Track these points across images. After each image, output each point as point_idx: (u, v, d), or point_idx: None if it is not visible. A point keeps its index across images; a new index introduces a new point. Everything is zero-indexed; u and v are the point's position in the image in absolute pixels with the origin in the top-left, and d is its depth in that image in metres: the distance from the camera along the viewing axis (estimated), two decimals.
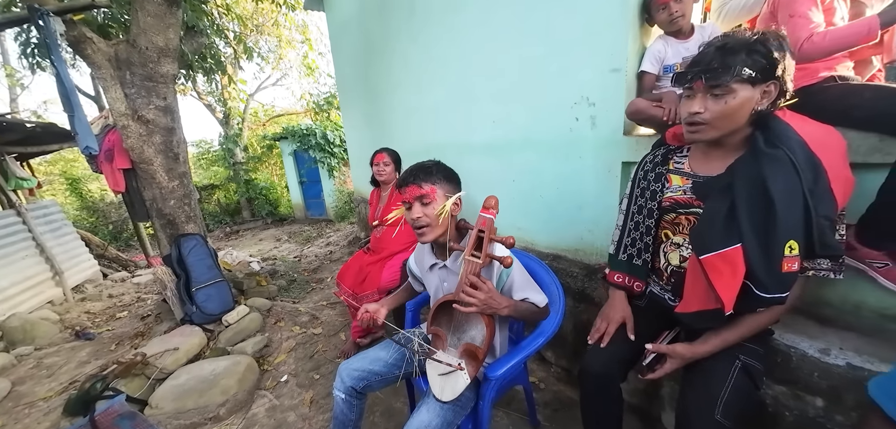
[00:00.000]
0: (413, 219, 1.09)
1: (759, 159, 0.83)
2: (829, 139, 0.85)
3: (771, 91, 0.82)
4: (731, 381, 0.88)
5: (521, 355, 1.16)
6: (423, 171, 1.10)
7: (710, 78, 0.83)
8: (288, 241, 6.54)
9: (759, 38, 0.81)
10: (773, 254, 0.80)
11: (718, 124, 0.86)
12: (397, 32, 2.81)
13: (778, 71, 0.81)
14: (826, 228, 0.80)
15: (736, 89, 0.81)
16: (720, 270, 0.85)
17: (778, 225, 0.79)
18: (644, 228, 1.11)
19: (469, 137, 2.27)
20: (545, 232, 1.97)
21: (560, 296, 1.33)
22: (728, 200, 0.86)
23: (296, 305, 3.15)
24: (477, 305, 1.00)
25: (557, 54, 1.62)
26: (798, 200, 0.79)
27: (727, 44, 0.83)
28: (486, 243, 1.03)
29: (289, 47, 9.51)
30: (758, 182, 0.82)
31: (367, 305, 1.26)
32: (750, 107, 0.83)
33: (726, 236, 0.85)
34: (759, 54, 0.80)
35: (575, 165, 1.67)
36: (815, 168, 0.80)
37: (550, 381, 1.95)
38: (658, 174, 1.07)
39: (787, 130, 0.84)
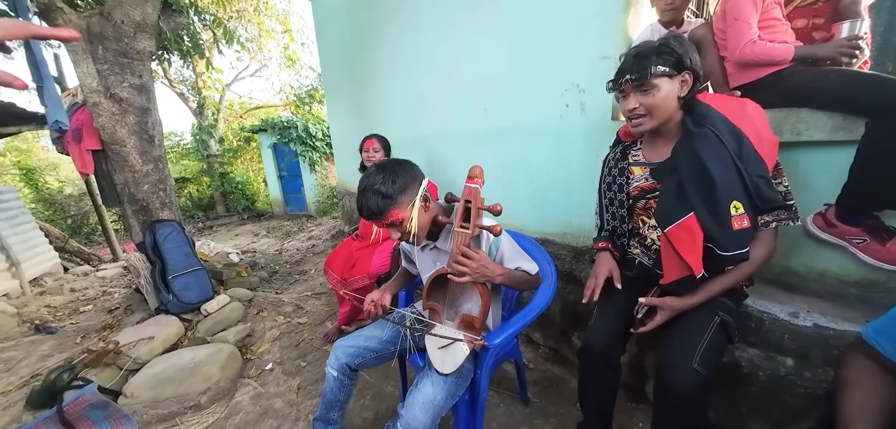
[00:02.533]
0: (396, 239, 1.10)
1: (691, 139, 0.97)
2: (745, 110, 0.98)
3: (687, 80, 0.97)
4: (709, 334, 0.96)
5: (518, 325, 1.18)
6: (375, 198, 0.99)
7: (634, 80, 0.97)
8: (266, 236, 6.34)
9: (664, 42, 0.97)
10: (721, 215, 0.92)
11: (654, 114, 0.99)
12: (386, 21, 2.79)
13: (686, 63, 0.95)
14: (761, 184, 0.92)
15: (657, 84, 0.96)
16: (681, 238, 0.96)
17: (717, 190, 0.91)
18: (619, 218, 1.22)
19: (459, 126, 2.30)
20: (534, 217, 2.02)
21: (552, 271, 1.37)
22: (675, 178, 0.98)
23: (279, 295, 3.07)
24: (470, 273, 1.03)
25: (547, 42, 1.67)
26: (730, 166, 0.91)
27: (640, 51, 0.99)
28: (473, 214, 1.05)
29: (269, 37, 9.23)
30: (694, 158, 0.94)
31: (371, 296, 1.22)
32: (674, 96, 0.98)
33: (680, 208, 0.96)
34: (666, 53, 0.95)
35: (564, 151, 1.73)
36: (737, 137, 0.94)
37: (539, 361, 2.00)
38: (621, 169, 1.19)
39: (708, 111, 0.98)
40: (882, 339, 0.67)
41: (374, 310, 1.19)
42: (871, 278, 1.10)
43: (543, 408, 1.68)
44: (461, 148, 2.26)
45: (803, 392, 1.09)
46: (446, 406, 1.05)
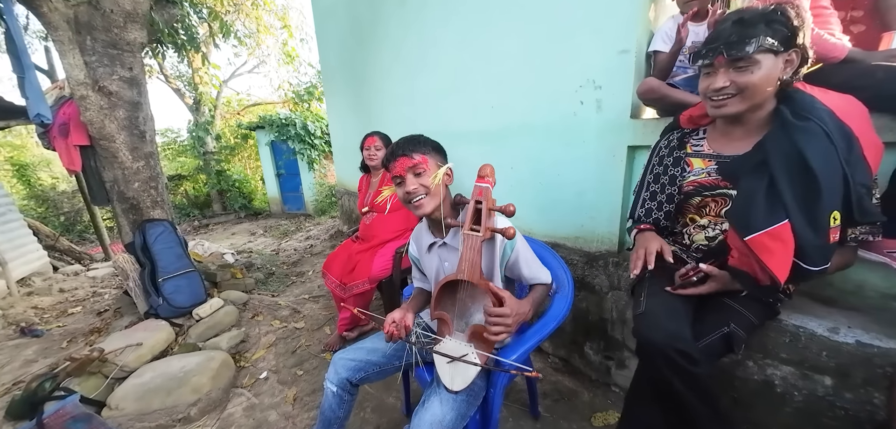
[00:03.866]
0: (407, 192, 1.02)
1: (791, 133, 0.82)
2: (853, 107, 0.85)
3: (793, 60, 0.82)
4: (714, 334, 0.93)
5: (534, 340, 1.10)
6: (411, 141, 1.04)
7: (733, 51, 0.82)
8: (263, 235, 6.23)
9: (777, 7, 0.81)
10: (820, 226, 0.79)
11: (747, 96, 0.85)
12: (387, 16, 2.69)
13: (799, 39, 0.80)
14: (863, 195, 0.80)
15: (759, 60, 0.81)
16: (770, 248, 0.82)
17: (822, 197, 0.77)
18: (664, 213, 1.09)
19: (465, 124, 2.20)
20: (544, 220, 1.93)
21: (569, 279, 1.28)
22: (765, 177, 0.84)
23: (275, 298, 2.96)
24: (509, 332, 0.93)
25: (562, 37, 1.58)
26: (837, 170, 0.78)
27: (744, 16, 0.83)
28: (484, 215, 0.97)
29: (267, 33, 9.09)
30: (795, 156, 0.80)
31: (392, 316, 1.09)
32: (775, 77, 0.83)
33: (771, 214, 0.82)
34: (778, 24, 0.79)
35: (577, 150, 1.63)
36: (847, 137, 0.80)
37: (548, 371, 1.91)
38: (677, 159, 1.05)
39: (813, 102, 0.83)
40: None
41: (397, 333, 1.05)
42: None
43: (555, 423, 1.59)
44: (468, 147, 2.16)
45: (844, 415, 1.01)
46: (457, 427, 0.95)
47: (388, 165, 1.05)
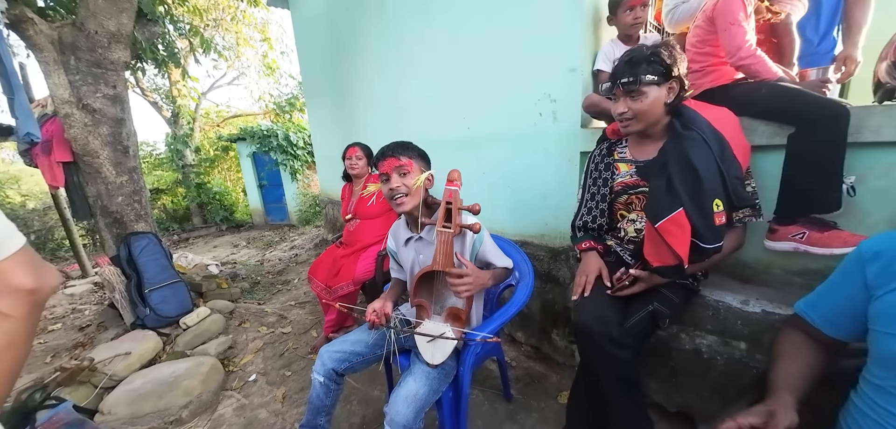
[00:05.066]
0: (391, 189, 1.18)
1: (680, 141, 1.04)
2: (725, 117, 1.08)
3: (674, 87, 1.05)
4: (639, 315, 1.11)
5: (497, 322, 1.25)
6: (400, 145, 1.21)
7: (625, 86, 1.05)
8: (247, 247, 6.20)
9: (654, 52, 1.04)
10: (706, 211, 0.99)
11: (641, 118, 1.08)
12: (368, 31, 2.84)
13: (675, 72, 1.03)
14: (737, 185, 1.02)
15: (646, 91, 1.04)
16: (672, 232, 1.02)
17: (704, 188, 0.98)
18: (598, 211, 1.30)
19: (442, 133, 2.36)
20: (513, 220, 2.10)
21: (529, 269, 1.45)
22: (665, 176, 1.05)
23: (261, 306, 3.03)
24: (470, 288, 1.10)
25: (522, 56, 1.77)
26: (714, 167, 1.00)
27: (632, 58, 1.06)
28: (455, 213, 1.13)
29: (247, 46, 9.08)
30: (683, 158, 1.02)
31: (372, 305, 1.24)
32: (661, 102, 1.06)
33: (671, 205, 1.03)
34: (656, 63, 1.02)
35: (539, 156, 1.82)
36: (720, 141, 1.03)
37: (521, 359, 2.07)
38: (607, 164, 1.27)
39: (695, 116, 1.07)
40: (812, 311, 0.76)
41: (378, 320, 1.20)
42: (812, 267, 1.22)
43: (526, 403, 1.75)
44: (444, 154, 2.32)
45: (756, 374, 1.20)
46: (429, 400, 1.09)
47: (378, 162, 1.20)
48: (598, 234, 1.32)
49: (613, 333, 1.06)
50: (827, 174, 1.02)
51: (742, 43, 1.12)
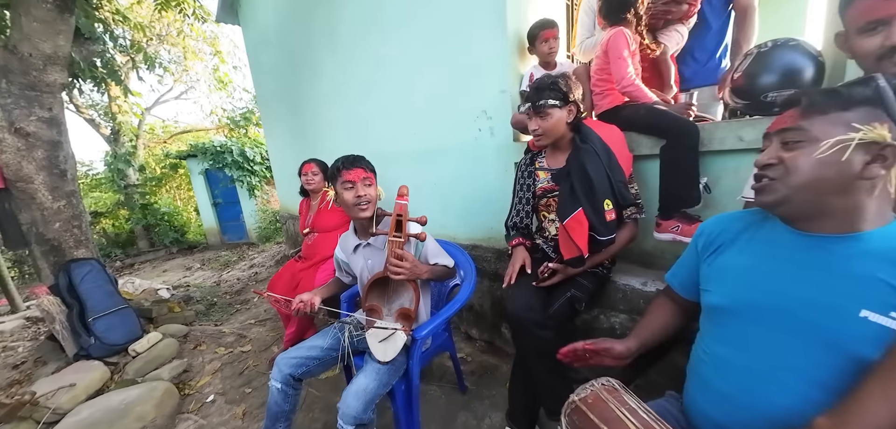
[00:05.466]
0: (359, 195, 1.33)
1: (579, 153, 1.28)
2: (613, 133, 1.34)
3: (573, 109, 1.30)
4: (560, 302, 1.31)
5: (441, 318, 1.40)
6: (365, 159, 1.39)
7: (534, 108, 1.29)
8: (202, 268, 5.93)
9: (554, 81, 1.28)
10: (599, 210, 1.23)
11: (549, 134, 1.31)
12: (322, 50, 2.95)
13: (571, 98, 1.28)
14: (622, 188, 1.26)
15: (550, 112, 1.28)
16: (574, 228, 1.25)
17: (596, 191, 1.22)
18: (524, 212, 1.51)
19: (395, 147, 2.51)
20: (463, 225, 2.29)
21: (472, 268, 1.62)
22: (569, 182, 1.29)
23: (219, 327, 2.97)
24: (405, 272, 1.26)
25: (462, 77, 1.98)
26: (603, 174, 1.24)
27: (539, 85, 1.30)
28: (404, 224, 1.28)
29: (195, 59, 8.71)
30: (581, 167, 1.26)
31: (301, 296, 1.39)
32: (563, 121, 1.30)
33: (573, 206, 1.26)
34: (555, 89, 1.26)
35: (481, 167, 2.02)
36: (607, 152, 1.28)
37: (476, 354, 2.24)
38: (530, 172, 1.49)
39: (589, 132, 1.32)
40: (672, 279, 0.98)
41: (303, 308, 1.35)
42: None
43: (479, 393, 1.91)
44: (399, 167, 2.47)
45: None
46: (379, 393, 1.22)
47: (344, 170, 1.34)
48: (527, 232, 1.53)
49: (537, 317, 1.26)
50: (686, 177, 1.29)
51: (625, 74, 1.39)
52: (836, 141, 0.56)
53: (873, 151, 0.56)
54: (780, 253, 0.68)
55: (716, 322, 0.77)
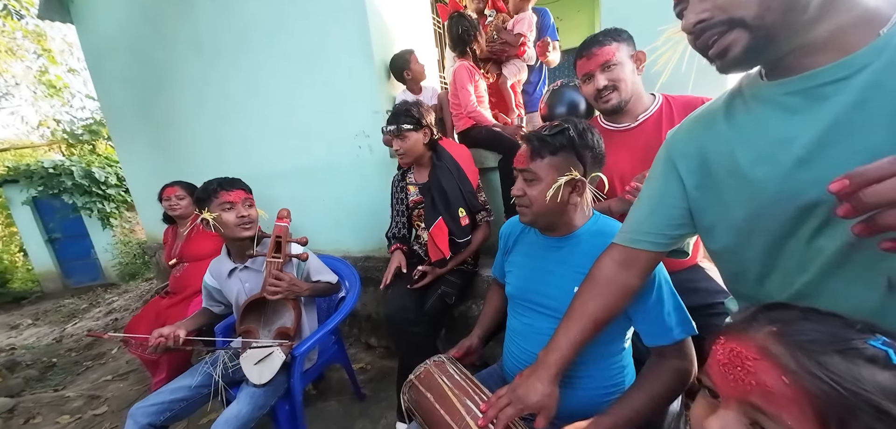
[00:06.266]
0: (242, 216, 1.32)
1: (436, 170, 1.51)
2: (461, 152, 1.60)
3: (427, 132, 1.50)
4: (433, 297, 1.50)
5: (322, 331, 1.46)
6: (242, 182, 1.39)
7: (393, 132, 1.47)
8: (35, 324, 4.67)
9: (408, 108, 1.47)
10: (455, 217, 1.46)
11: (408, 154, 1.50)
12: (187, 63, 2.68)
13: (423, 122, 1.48)
14: (471, 197, 1.52)
15: (407, 135, 1.46)
16: (437, 234, 1.46)
17: (451, 201, 1.45)
18: (401, 223, 1.68)
19: (279, 165, 2.44)
20: (355, 239, 2.36)
21: (356, 280, 1.71)
22: (431, 195, 1.50)
23: (60, 392, 2.43)
24: (283, 291, 1.29)
25: (339, 98, 2.07)
26: (456, 186, 1.48)
27: (396, 111, 1.49)
28: (284, 245, 1.31)
29: (13, 58, 6.79)
30: (438, 182, 1.48)
31: (160, 330, 1.26)
32: (420, 142, 1.50)
33: (434, 215, 1.47)
34: (409, 115, 1.46)
35: (365, 182, 2.13)
36: (457, 168, 1.52)
37: (376, 361, 2.31)
38: (402, 187, 1.67)
39: (443, 151, 1.55)
40: (495, 271, 1.22)
41: (165, 342, 1.24)
42: None
43: (377, 398, 1.99)
44: (287, 185, 2.40)
45: None
46: (253, 417, 1.22)
47: (222, 191, 1.30)
48: (405, 240, 1.70)
49: (411, 316, 1.42)
50: None
51: (468, 101, 1.68)
52: (556, 185, 0.82)
53: (572, 185, 0.84)
54: (537, 253, 0.97)
55: (511, 305, 1.03)
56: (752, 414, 0.34)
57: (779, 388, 0.32)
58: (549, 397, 0.72)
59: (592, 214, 0.93)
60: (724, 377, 0.36)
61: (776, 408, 0.32)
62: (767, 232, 0.52)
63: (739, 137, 0.55)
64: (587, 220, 0.92)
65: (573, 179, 0.83)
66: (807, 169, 0.47)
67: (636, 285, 0.72)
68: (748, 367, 0.34)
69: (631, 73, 1.11)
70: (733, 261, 0.60)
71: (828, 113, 0.45)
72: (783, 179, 0.49)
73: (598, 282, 0.73)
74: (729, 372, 0.36)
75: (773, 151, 0.50)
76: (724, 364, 0.36)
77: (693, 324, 0.78)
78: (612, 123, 1.20)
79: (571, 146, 0.83)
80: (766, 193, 0.51)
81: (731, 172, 0.55)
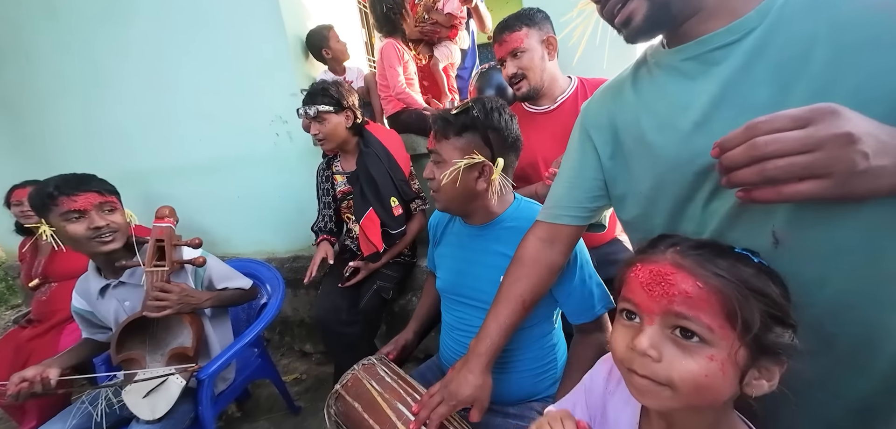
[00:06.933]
0: (97, 227, 1.04)
1: (364, 157, 1.39)
2: (391, 137, 1.51)
3: (350, 115, 1.37)
4: (368, 294, 1.41)
5: (236, 346, 1.27)
6: (97, 179, 1.09)
7: (309, 114, 1.32)
8: None
9: (325, 87, 1.33)
10: (387, 207, 1.37)
11: (329, 138, 1.35)
12: (36, 34, 2.15)
13: (345, 103, 1.35)
14: (403, 185, 1.43)
15: (326, 117, 1.32)
16: (369, 226, 1.35)
17: (381, 190, 1.35)
18: (328, 216, 1.54)
19: (178, 158, 2.09)
20: (281, 239, 2.13)
21: (280, 284, 1.53)
22: (360, 185, 1.38)
23: None
24: (171, 304, 1.06)
25: (249, 80, 1.82)
26: (386, 174, 1.38)
27: (312, 90, 1.34)
28: (168, 251, 1.09)
29: None
30: (366, 170, 1.37)
31: (23, 373, 1.01)
32: (343, 126, 1.36)
33: (364, 206, 1.36)
34: (327, 95, 1.32)
35: (287, 175, 1.92)
36: (387, 155, 1.42)
37: (313, 368, 2.13)
38: (327, 177, 1.52)
39: (371, 136, 1.44)
40: (429, 264, 1.15)
41: (30, 387, 1.00)
42: None
43: (314, 408, 1.83)
44: (187, 181, 2.06)
45: None
46: None
47: (70, 194, 1.01)
48: (335, 234, 1.56)
49: (343, 316, 1.32)
50: None
51: (396, 82, 1.58)
52: (454, 168, 0.78)
53: (477, 169, 0.80)
54: (461, 243, 0.92)
55: (443, 299, 0.98)
56: (673, 321, 0.39)
57: (695, 291, 0.38)
58: (482, 388, 0.69)
59: (515, 199, 0.91)
60: (650, 294, 0.40)
61: (695, 310, 0.38)
62: (670, 198, 0.54)
63: (644, 104, 0.56)
64: (508, 206, 0.89)
65: (479, 163, 0.79)
66: (702, 133, 0.48)
67: (560, 262, 0.72)
68: (669, 280, 0.40)
69: (541, 60, 1.12)
70: (642, 229, 0.62)
71: (719, 77, 0.47)
72: (682, 145, 0.50)
73: (524, 262, 0.72)
74: (654, 289, 0.40)
75: (673, 117, 0.52)
76: (647, 284, 0.41)
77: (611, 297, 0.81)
78: (533, 105, 1.22)
79: (475, 127, 0.79)
80: (667, 160, 0.53)
81: (637, 139, 0.57)
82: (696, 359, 0.38)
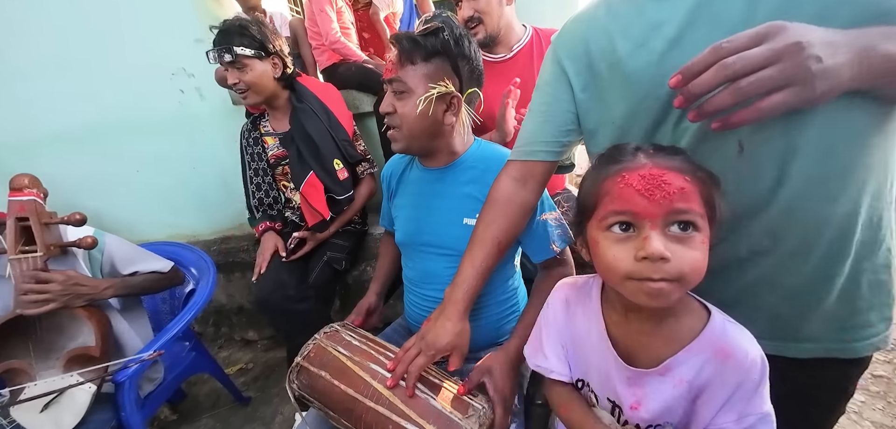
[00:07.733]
0: None
1: (297, 114, 1.21)
2: (328, 91, 1.34)
3: (277, 63, 1.17)
4: (318, 267, 1.28)
5: (160, 340, 1.08)
6: None
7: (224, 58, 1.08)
8: None
9: (243, 24, 1.10)
10: (330, 170, 1.22)
11: (255, 90, 1.14)
12: None
13: (270, 47, 1.13)
14: (347, 145, 1.29)
15: (247, 62, 1.10)
16: (310, 193, 1.20)
17: (322, 152, 1.20)
18: (266, 188, 1.33)
19: (38, 126, 1.63)
20: (204, 219, 1.84)
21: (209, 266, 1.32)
22: (295, 146, 1.20)
23: None
24: (55, 297, 0.86)
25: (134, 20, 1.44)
26: (326, 133, 1.22)
27: (227, 27, 1.09)
28: (38, 231, 0.86)
29: None
30: (302, 129, 1.19)
31: None
32: (270, 75, 1.15)
33: (303, 170, 1.20)
34: (248, 35, 1.09)
35: (204, 142, 1.63)
36: (326, 111, 1.26)
37: (259, 356, 1.95)
38: (255, 139, 1.31)
39: (304, 90, 1.26)
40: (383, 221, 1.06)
41: None
42: None
43: (265, 397, 1.69)
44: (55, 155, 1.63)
45: None
46: None
47: None
48: (276, 212, 1.37)
49: (291, 292, 1.18)
50: None
51: (329, 30, 1.39)
52: (428, 96, 0.71)
53: (446, 101, 0.74)
54: (420, 189, 0.86)
55: (404, 253, 0.92)
56: (672, 218, 0.42)
57: (687, 187, 0.41)
58: (460, 335, 0.67)
59: (474, 140, 0.86)
60: (651, 198, 0.41)
61: (689, 203, 0.41)
62: (643, 123, 0.55)
63: (619, 26, 0.55)
64: (469, 146, 0.84)
65: (448, 93, 0.73)
66: (677, 51, 0.49)
67: (533, 201, 0.71)
68: (665, 180, 0.41)
69: (498, 4, 1.07)
70: None
71: None
72: (657, 66, 0.50)
73: (498, 203, 0.69)
74: (654, 192, 0.41)
75: (648, 37, 0.51)
76: (646, 189, 0.42)
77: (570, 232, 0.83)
78: (488, 53, 1.17)
79: (446, 53, 0.73)
80: (641, 84, 0.53)
81: (613, 65, 0.56)
82: (696, 247, 0.41)
